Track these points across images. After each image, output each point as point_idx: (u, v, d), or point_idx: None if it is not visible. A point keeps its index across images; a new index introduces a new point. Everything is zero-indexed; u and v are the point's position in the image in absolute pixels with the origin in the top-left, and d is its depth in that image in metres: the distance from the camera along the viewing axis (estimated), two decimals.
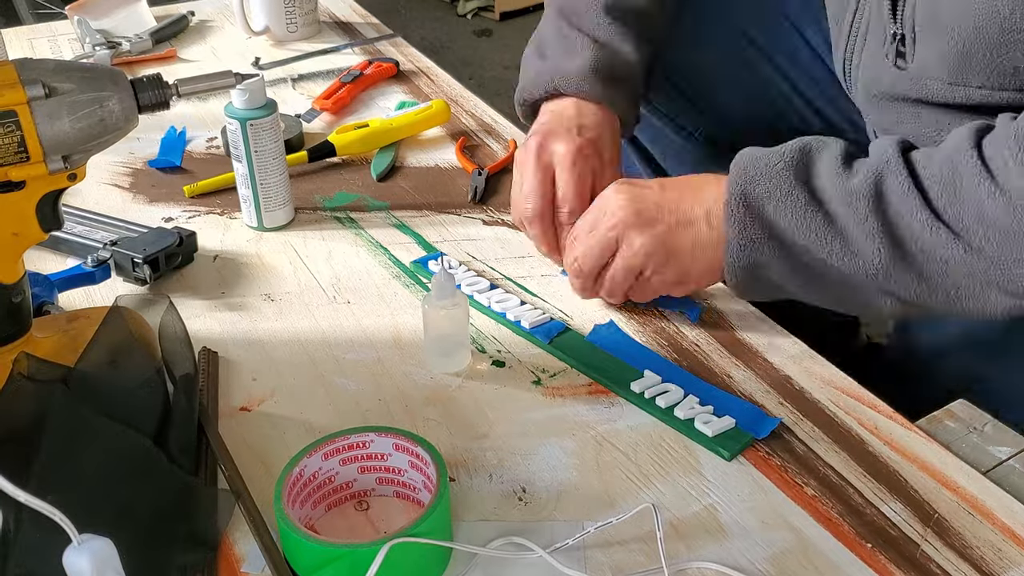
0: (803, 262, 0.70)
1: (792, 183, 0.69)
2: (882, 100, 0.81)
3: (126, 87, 0.65)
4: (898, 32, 0.76)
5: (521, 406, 0.72)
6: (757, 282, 0.73)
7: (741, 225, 0.70)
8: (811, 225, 0.68)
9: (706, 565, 0.59)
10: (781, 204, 0.69)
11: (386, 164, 1.06)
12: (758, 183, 0.70)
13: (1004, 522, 0.62)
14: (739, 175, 0.71)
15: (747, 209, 0.70)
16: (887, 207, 0.66)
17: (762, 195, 0.70)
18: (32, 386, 0.64)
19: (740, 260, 0.71)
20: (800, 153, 0.71)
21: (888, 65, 0.78)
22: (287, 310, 0.84)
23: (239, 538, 0.61)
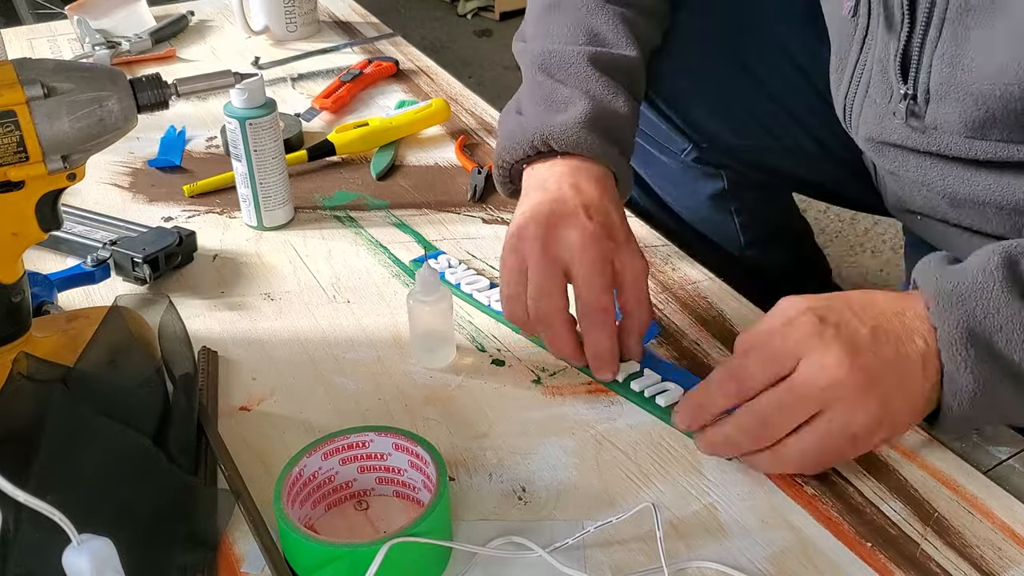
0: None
1: (1020, 308, 0.59)
2: (886, 148, 0.78)
3: (125, 87, 0.65)
4: (909, 92, 0.72)
5: (521, 405, 0.72)
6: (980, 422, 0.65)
7: (974, 369, 0.59)
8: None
9: (706, 564, 0.59)
10: (1016, 335, 0.58)
11: (386, 163, 1.06)
12: (984, 317, 0.59)
13: (1004, 521, 0.61)
14: (953, 308, 0.59)
15: (978, 349, 0.59)
16: None
17: (990, 330, 0.59)
18: (32, 386, 0.64)
19: (972, 406, 0.60)
20: (1009, 268, 0.60)
21: (897, 121, 0.75)
22: (287, 309, 0.84)
23: (239, 538, 0.61)
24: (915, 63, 0.71)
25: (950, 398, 0.60)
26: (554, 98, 0.82)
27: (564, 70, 0.83)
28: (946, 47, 0.68)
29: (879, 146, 0.80)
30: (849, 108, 0.81)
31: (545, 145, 0.79)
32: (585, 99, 0.80)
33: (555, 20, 0.87)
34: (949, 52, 0.68)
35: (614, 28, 0.85)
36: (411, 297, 0.74)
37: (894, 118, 0.75)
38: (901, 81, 0.73)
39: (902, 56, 0.72)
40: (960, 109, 0.69)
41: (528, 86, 0.86)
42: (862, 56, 0.78)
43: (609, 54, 0.84)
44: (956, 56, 0.68)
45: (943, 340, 0.59)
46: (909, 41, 0.71)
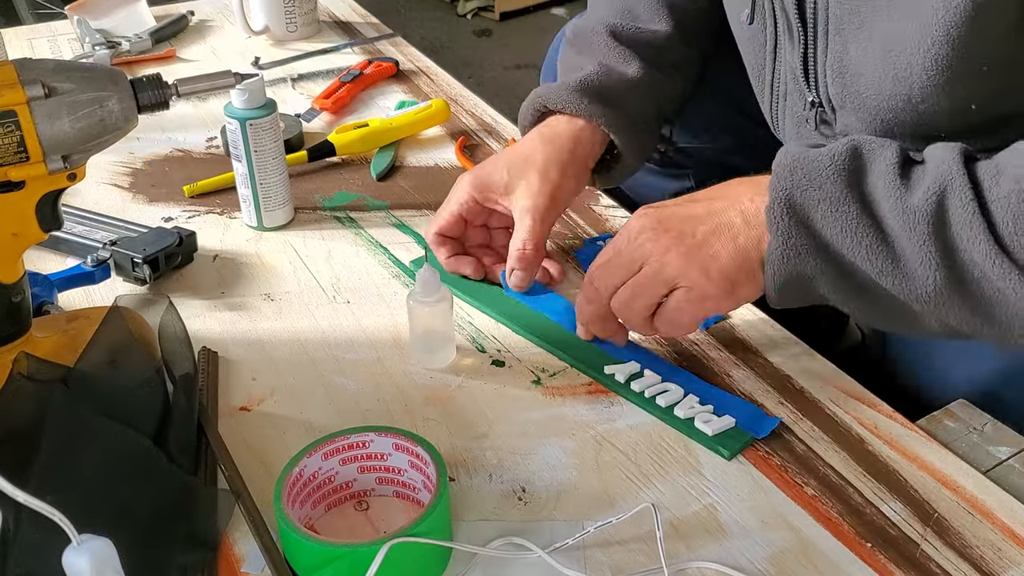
0: (850, 276, 0.64)
1: (843, 191, 0.62)
2: None
3: (126, 87, 0.65)
4: (816, 100, 0.75)
5: (521, 406, 0.72)
6: (800, 292, 0.66)
7: (786, 233, 0.63)
8: (862, 240, 0.62)
9: (706, 565, 0.59)
10: (831, 213, 0.62)
11: (386, 164, 1.06)
12: (805, 188, 0.63)
13: (1004, 522, 0.62)
14: (784, 177, 0.64)
15: (792, 216, 0.63)
16: (947, 232, 0.59)
17: (809, 202, 0.63)
18: (32, 386, 0.64)
19: (784, 269, 0.64)
20: (851, 156, 0.63)
21: (810, 128, 0.77)
22: (287, 310, 0.84)
23: (239, 538, 0.61)
24: (813, 72, 0.73)
25: (766, 259, 0.65)
26: (568, 67, 0.88)
27: (584, 42, 0.90)
28: (834, 58, 0.70)
29: None
30: (773, 116, 0.83)
31: (543, 107, 0.86)
32: (593, 65, 0.86)
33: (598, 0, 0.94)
34: (836, 63, 0.70)
35: (647, 4, 0.90)
36: (411, 298, 0.74)
37: (807, 125, 0.77)
38: (807, 89, 0.74)
39: (803, 64, 0.74)
40: (859, 118, 0.71)
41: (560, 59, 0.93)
42: (776, 63, 0.79)
43: (633, 27, 0.89)
44: (842, 67, 0.70)
45: (768, 204, 0.64)
46: (806, 50, 0.73)
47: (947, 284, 0.60)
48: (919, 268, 0.60)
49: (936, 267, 0.60)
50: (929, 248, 0.60)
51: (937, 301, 0.61)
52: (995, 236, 0.58)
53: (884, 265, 0.62)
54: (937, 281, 0.60)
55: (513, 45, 3.32)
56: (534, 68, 3.19)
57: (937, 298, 0.61)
